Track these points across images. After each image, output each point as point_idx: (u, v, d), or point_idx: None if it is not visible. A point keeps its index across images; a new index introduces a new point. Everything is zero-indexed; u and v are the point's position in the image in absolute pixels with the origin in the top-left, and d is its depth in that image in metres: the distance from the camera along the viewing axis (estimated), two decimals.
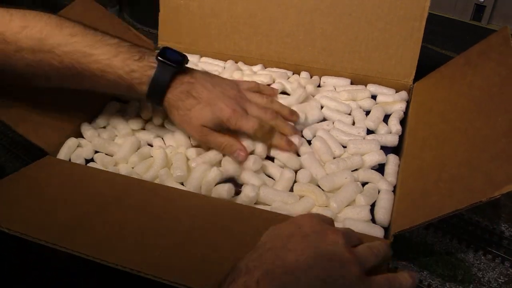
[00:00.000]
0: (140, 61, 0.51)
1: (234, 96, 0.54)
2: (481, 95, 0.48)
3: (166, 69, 0.51)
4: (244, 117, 0.52)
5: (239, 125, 0.52)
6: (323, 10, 0.65)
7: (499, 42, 0.51)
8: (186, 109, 0.52)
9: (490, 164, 0.40)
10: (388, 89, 0.64)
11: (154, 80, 0.51)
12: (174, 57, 0.52)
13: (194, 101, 0.52)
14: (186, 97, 0.52)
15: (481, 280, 0.48)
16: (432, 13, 0.67)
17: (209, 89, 0.53)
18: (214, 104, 0.52)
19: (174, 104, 0.53)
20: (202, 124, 0.53)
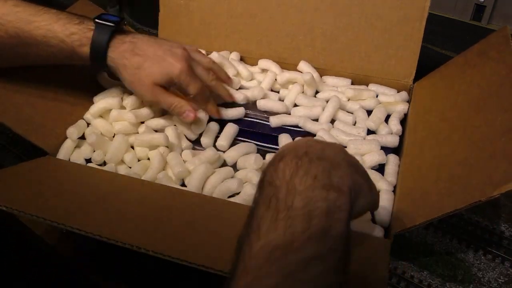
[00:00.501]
0: (79, 25, 0.52)
1: (181, 54, 0.54)
2: (480, 94, 0.49)
3: (104, 29, 0.52)
4: (192, 76, 0.54)
5: (187, 84, 0.54)
6: (323, 10, 0.65)
7: (498, 41, 0.51)
8: (134, 67, 0.53)
9: (489, 163, 0.40)
10: (389, 89, 0.64)
11: (94, 41, 0.52)
12: (111, 18, 0.53)
13: (140, 59, 0.53)
14: (131, 55, 0.53)
15: (481, 280, 0.48)
16: (432, 13, 0.67)
17: (154, 47, 0.53)
18: (163, 60, 0.53)
19: (120, 63, 0.53)
20: (154, 81, 0.53)
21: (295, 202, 0.29)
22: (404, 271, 0.50)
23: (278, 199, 0.29)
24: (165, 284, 0.49)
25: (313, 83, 0.64)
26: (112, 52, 0.53)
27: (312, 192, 0.29)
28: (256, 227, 0.29)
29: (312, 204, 0.29)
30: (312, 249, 0.27)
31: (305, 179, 0.30)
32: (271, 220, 0.28)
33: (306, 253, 0.27)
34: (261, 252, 0.27)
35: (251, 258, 0.28)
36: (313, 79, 0.63)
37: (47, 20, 0.52)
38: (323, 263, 0.27)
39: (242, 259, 0.28)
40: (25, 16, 0.51)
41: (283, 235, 0.28)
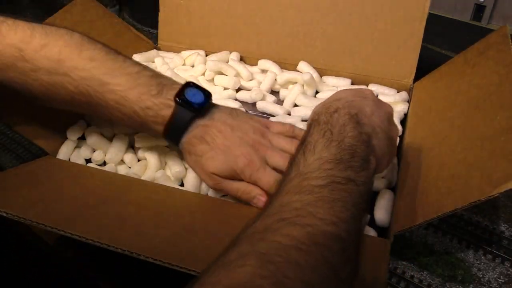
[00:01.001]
0: (157, 97, 0.47)
1: (253, 143, 0.47)
2: (479, 94, 0.49)
3: (183, 113, 0.47)
4: (260, 170, 0.46)
5: (254, 178, 0.46)
6: (323, 10, 0.65)
7: (498, 41, 0.51)
8: (197, 155, 0.47)
9: (489, 162, 0.40)
10: (389, 89, 0.64)
11: (170, 125, 0.47)
12: (195, 98, 0.47)
13: (206, 147, 0.47)
14: (199, 142, 0.47)
15: (481, 280, 0.48)
16: (432, 13, 0.67)
17: (226, 134, 0.47)
18: (228, 153, 0.46)
19: (186, 148, 0.48)
20: (213, 172, 0.47)
21: (345, 140, 0.37)
22: (404, 271, 0.50)
23: (332, 133, 0.37)
24: (165, 283, 0.49)
25: (313, 83, 0.64)
26: (184, 137, 0.48)
27: (357, 141, 0.38)
28: (311, 147, 0.37)
29: (357, 147, 0.37)
30: (352, 174, 0.35)
31: (354, 130, 0.38)
32: (325, 144, 0.37)
33: (347, 174, 0.35)
34: (315, 163, 0.35)
35: (305, 166, 0.35)
36: (312, 79, 0.63)
37: (122, 85, 0.46)
38: (357, 187, 0.35)
39: (297, 167, 0.36)
40: (100, 75, 0.46)
41: (334, 155, 0.36)
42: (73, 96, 0.48)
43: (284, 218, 0.30)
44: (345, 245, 0.31)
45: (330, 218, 0.31)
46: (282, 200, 0.33)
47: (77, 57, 0.47)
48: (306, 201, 0.32)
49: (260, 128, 0.49)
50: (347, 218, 0.32)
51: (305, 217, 0.31)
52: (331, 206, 0.32)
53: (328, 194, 0.33)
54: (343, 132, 0.38)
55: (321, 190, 0.33)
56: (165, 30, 0.74)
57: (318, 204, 0.32)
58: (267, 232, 0.30)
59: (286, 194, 0.33)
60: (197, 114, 0.47)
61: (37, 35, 0.47)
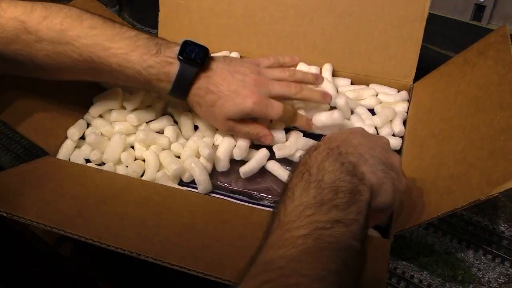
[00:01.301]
0: (157, 56, 0.50)
1: (255, 82, 0.52)
2: (479, 93, 0.49)
3: (187, 69, 0.50)
4: (268, 105, 0.51)
5: (264, 113, 0.52)
6: (323, 10, 0.65)
7: (497, 40, 0.51)
8: (208, 105, 0.52)
9: (488, 162, 0.40)
10: (389, 89, 0.64)
11: (175, 80, 0.50)
12: (195, 54, 0.51)
13: (214, 97, 0.51)
14: (205, 93, 0.51)
15: (481, 280, 0.48)
16: (432, 13, 0.67)
17: (228, 80, 0.51)
18: (236, 96, 0.51)
19: (195, 100, 0.52)
20: (227, 118, 0.52)
21: (324, 178, 0.34)
22: (404, 271, 0.50)
23: (310, 173, 0.35)
24: (166, 283, 0.49)
25: None
26: (190, 91, 0.52)
27: (340, 174, 0.35)
28: (290, 193, 0.34)
29: (339, 183, 0.34)
30: (337, 214, 0.32)
31: (334, 163, 0.35)
32: (304, 187, 0.34)
33: (332, 216, 0.32)
34: (295, 210, 0.32)
35: (286, 215, 0.33)
36: None
37: (123, 48, 0.49)
38: (345, 228, 0.32)
39: (278, 217, 0.33)
40: (101, 41, 0.49)
41: (313, 198, 0.33)
42: (78, 64, 0.50)
43: (267, 280, 0.28)
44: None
45: (317, 273, 0.29)
46: (266, 257, 0.31)
47: (78, 26, 0.49)
48: (289, 256, 0.30)
49: (254, 67, 0.54)
50: (337, 268, 0.30)
51: (289, 277, 0.28)
52: (317, 257, 0.30)
53: (312, 244, 0.30)
54: (322, 169, 0.35)
55: (305, 240, 0.30)
56: (165, 30, 0.74)
57: (302, 258, 0.30)
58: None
59: (270, 249, 0.31)
60: (200, 67, 0.51)
61: (38, 9, 0.49)
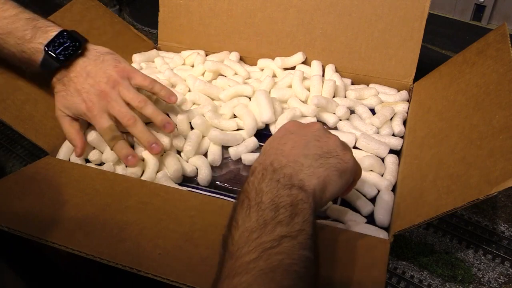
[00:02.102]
0: (30, 42, 0.52)
1: (100, 93, 0.53)
2: (478, 93, 0.48)
3: (49, 62, 0.53)
4: (97, 117, 0.53)
5: (93, 122, 0.54)
6: (323, 10, 0.65)
7: (497, 39, 0.51)
8: (54, 92, 0.56)
9: (488, 161, 0.40)
10: (389, 89, 0.64)
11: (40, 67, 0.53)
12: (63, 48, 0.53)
13: (62, 87, 0.55)
14: (58, 83, 0.55)
15: (481, 280, 0.48)
16: (432, 13, 0.67)
17: (79, 80, 0.54)
18: (76, 96, 0.54)
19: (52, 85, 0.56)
20: (60, 108, 0.55)
21: (263, 199, 0.35)
22: (404, 271, 0.50)
23: (249, 199, 0.35)
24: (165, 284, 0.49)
25: None
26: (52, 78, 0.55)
27: (277, 191, 0.35)
28: (235, 223, 0.35)
29: (278, 199, 0.35)
30: (282, 229, 0.33)
31: (269, 183, 0.36)
32: (245, 213, 0.34)
33: (277, 233, 0.33)
34: (241, 237, 0.33)
35: (233, 244, 0.33)
36: None
37: (1, 28, 0.52)
38: (293, 240, 0.33)
39: (227, 248, 0.33)
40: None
41: (256, 221, 0.34)
42: None
43: None
44: None
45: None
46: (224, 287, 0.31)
47: None
48: (245, 282, 0.30)
49: (116, 79, 0.54)
50: (291, 283, 0.31)
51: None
52: (271, 277, 0.31)
53: (264, 265, 0.31)
54: (259, 192, 0.36)
55: (256, 264, 0.31)
56: (165, 30, 0.74)
57: (258, 281, 0.30)
58: None
59: (225, 280, 0.32)
60: (62, 64, 0.54)
61: None
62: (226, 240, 0.34)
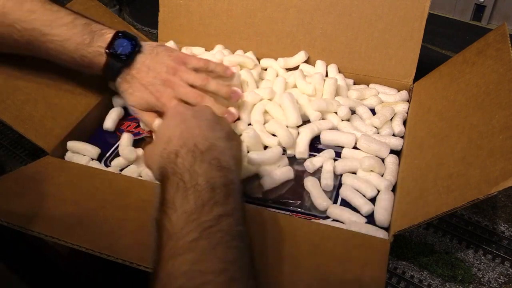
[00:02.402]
0: (89, 46, 0.54)
1: (164, 82, 0.56)
2: (478, 93, 0.48)
3: (113, 63, 0.55)
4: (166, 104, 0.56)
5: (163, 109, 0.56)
6: (323, 10, 0.65)
7: (496, 39, 0.51)
8: (121, 90, 0.58)
9: (487, 160, 0.40)
10: (390, 89, 0.64)
11: (104, 70, 0.55)
12: (123, 49, 0.55)
13: (127, 85, 0.57)
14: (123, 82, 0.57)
15: (481, 280, 0.48)
16: (432, 13, 0.67)
17: (141, 75, 0.56)
18: (143, 91, 0.56)
19: (118, 86, 0.58)
20: (131, 104, 0.58)
21: (199, 181, 0.36)
22: (404, 271, 0.50)
23: (185, 182, 0.37)
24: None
25: None
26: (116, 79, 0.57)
27: (210, 173, 0.38)
28: (171, 204, 0.35)
29: (212, 181, 0.37)
30: (219, 209, 0.35)
31: (202, 165, 0.38)
32: (183, 196, 0.36)
33: (215, 213, 0.35)
34: (180, 219, 0.34)
35: (173, 226, 0.34)
36: None
37: (59, 35, 0.53)
38: (230, 218, 0.35)
39: (165, 230, 0.34)
40: (39, 26, 0.52)
41: (194, 203, 0.35)
42: (19, 44, 0.54)
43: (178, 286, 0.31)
44: (243, 281, 0.33)
45: (218, 266, 0.32)
46: (167, 269, 0.32)
47: (19, 10, 0.52)
48: (190, 260, 0.32)
49: (175, 66, 0.57)
50: (234, 256, 0.34)
51: (195, 278, 0.31)
52: (214, 254, 0.33)
53: (206, 243, 0.33)
54: (194, 174, 0.37)
55: (198, 242, 0.33)
56: (165, 30, 0.74)
57: (201, 258, 0.32)
58: None
59: (168, 260, 0.33)
60: (124, 63, 0.55)
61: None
62: (162, 222, 0.35)
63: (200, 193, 0.36)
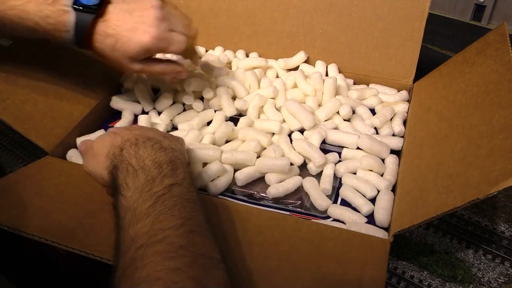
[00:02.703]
0: (53, 5, 0.48)
1: (155, 15, 0.51)
2: (478, 92, 0.48)
3: (82, 16, 0.49)
4: (169, 39, 0.52)
5: (165, 48, 0.52)
6: (323, 10, 0.65)
7: (496, 39, 0.51)
8: (109, 50, 0.51)
9: (487, 160, 0.40)
10: (390, 89, 0.65)
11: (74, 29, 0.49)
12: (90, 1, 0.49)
13: (113, 40, 0.50)
14: (104, 38, 0.50)
15: (481, 280, 0.48)
16: (432, 13, 0.67)
17: (125, 19, 0.50)
18: (134, 34, 0.50)
19: (98, 47, 0.51)
20: (130, 59, 0.52)
21: (145, 162, 0.40)
22: (404, 271, 0.50)
23: (132, 165, 0.40)
24: None
25: None
26: (90, 36, 0.50)
27: (155, 153, 0.41)
28: (124, 185, 0.38)
29: (158, 159, 0.40)
30: (169, 180, 0.38)
31: (146, 149, 0.41)
32: (133, 176, 0.39)
33: (166, 183, 0.38)
34: (134, 194, 0.37)
35: (128, 201, 0.37)
36: None
37: None
38: (180, 186, 0.39)
39: (121, 207, 0.37)
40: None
41: (145, 179, 0.38)
42: None
43: (141, 245, 0.33)
44: (201, 233, 0.36)
45: (176, 223, 0.35)
46: (129, 234, 0.35)
47: None
48: (149, 223, 0.35)
49: (156, 1, 0.52)
50: (190, 215, 0.36)
51: (156, 235, 0.34)
52: (171, 213, 0.36)
53: (162, 207, 0.36)
54: (140, 158, 0.40)
55: (155, 207, 0.36)
56: None
57: (160, 218, 0.35)
58: (136, 262, 0.32)
59: (129, 227, 0.35)
60: (96, 14, 0.49)
61: None
62: (118, 201, 0.38)
63: (149, 171, 0.39)
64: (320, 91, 0.61)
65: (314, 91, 0.61)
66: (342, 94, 0.63)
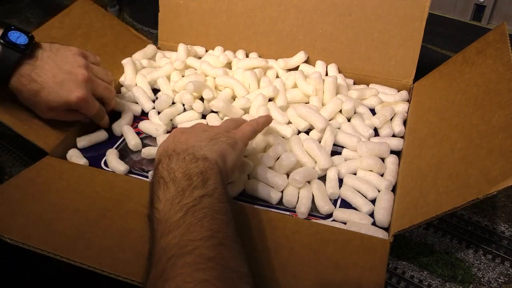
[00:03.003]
0: None
1: (83, 77, 0.54)
2: (478, 92, 0.49)
3: (9, 53, 0.49)
4: (89, 103, 0.55)
5: (85, 110, 0.56)
6: (323, 10, 0.65)
7: (496, 39, 0.51)
8: (30, 94, 0.52)
9: (487, 160, 0.40)
10: (390, 89, 0.65)
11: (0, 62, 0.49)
12: (19, 40, 0.50)
13: (37, 86, 0.51)
14: (28, 82, 0.51)
15: (481, 280, 0.48)
16: (432, 13, 0.67)
17: (54, 71, 0.52)
18: (61, 88, 0.52)
19: (17, 87, 0.51)
20: (50, 108, 0.54)
21: (176, 174, 0.40)
22: (404, 271, 0.50)
23: (164, 178, 0.40)
24: None
25: None
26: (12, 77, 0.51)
27: (186, 166, 0.41)
28: (156, 198, 0.39)
29: (189, 171, 0.40)
30: (199, 191, 0.39)
31: (178, 162, 0.42)
32: (164, 189, 0.39)
33: (196, 195, 0.38)
34: (165, 206, 0.38)
35: (159, 213, 0.38)
36: None
37: None
38: (211, 197, 0.39)
39: (155, 219, 0.38)
40: None
41: (175, 191, 0.39)
42: None
43: (171, 256, 0.34)
44: (230, 245, 0.36)
45: (206, 234, 0.35)
46: (161, 244, 0.35)
47: None
48: (179, 234, 0.35)
49: (82, 60, 0.55)
50: (219, 227, 0.37)
51: (186, 246, 0.34)
52: (201, 225, 0.36)
53: (192, 218, 0.36)
54: (171, 170, 0.41)
55: (185, 219, 0.36)
56: (165, 30, 0.74)
57: (190, 230, 0.35)
58: (166, 273, 0.33)
59: (160, 238, 0.36)
60: (23, 54, 0.50)
61: None
62: (152, 214, 0.39)
63: (179, 183, 0.39)
64: (320, 91, 0.61)
65: (315, 91, 0.61)
66: (342, 93, 0.63)
